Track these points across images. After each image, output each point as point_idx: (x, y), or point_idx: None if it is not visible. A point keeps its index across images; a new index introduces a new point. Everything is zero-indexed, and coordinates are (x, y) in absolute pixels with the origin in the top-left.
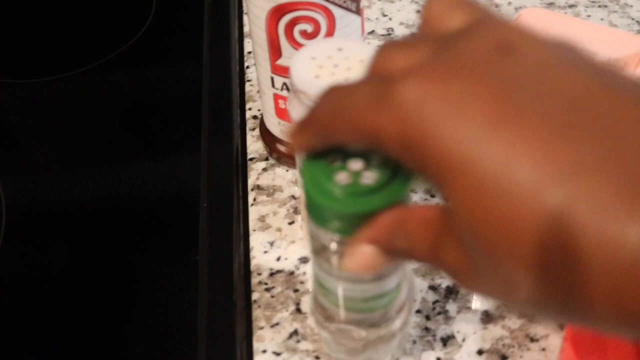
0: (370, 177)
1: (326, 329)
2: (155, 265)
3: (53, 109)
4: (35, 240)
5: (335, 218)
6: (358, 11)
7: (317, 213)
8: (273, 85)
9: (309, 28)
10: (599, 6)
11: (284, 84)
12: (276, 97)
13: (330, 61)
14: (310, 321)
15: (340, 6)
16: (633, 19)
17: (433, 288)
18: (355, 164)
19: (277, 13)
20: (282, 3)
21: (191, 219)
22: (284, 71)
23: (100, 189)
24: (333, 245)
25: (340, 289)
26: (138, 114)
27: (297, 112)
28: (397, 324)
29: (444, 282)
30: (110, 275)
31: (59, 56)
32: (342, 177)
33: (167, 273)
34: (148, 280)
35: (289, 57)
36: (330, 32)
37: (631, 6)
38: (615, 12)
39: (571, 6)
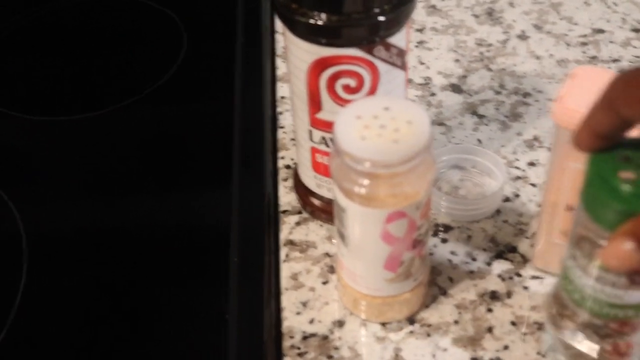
0: None
1: (557, 328)
2: (180, 320)
3: (82, 146)
4: (58, 271)
5: (615, 215)
6: (403, 66)
7: (595, 207)
8: (311, 139)
9: (352, 83)
10: None
11: (323, 137)
12: (313, 151)
13: (376, 121)
14: None
15: (386, 61)
16: None
17: None
18: None
19: (320, 66)
20: (326, 56)
21: (220, 273)
22: (323, 125)
23: (126, 224)
24: (603, 242)
25: (590, 289)
26: (166, 153)
27: (340, 172)
28: (635, 337)
29: (487, 354)
30: (137, 324)
31: (90, 94)
32: (628, 175)
33: (195, 329)
34: (176, 338)
35: (330, 111)
36: (374, 87)
37: None
38: None
39: (615, 61)
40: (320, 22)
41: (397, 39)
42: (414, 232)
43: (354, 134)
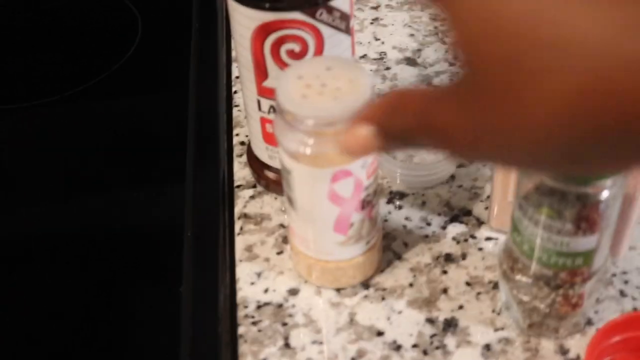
0: None
1: (510, 283)
2: (138, 296)
3: (34, 135)
4: (21, 270)
5: None
6: (348, 31)
7: None
8: (260, 109)
9: (296, 48)
10: None
11: (271, 106)
12: (263, 121)
13: (318, 80)
14: (301, 356)
15: (329, 25)
16: None
17: (430, 321)
18: None
19: (263, 32)
20: (268, 21)
21: (175, 249)
22: (271, 93)
23: (83, 218)
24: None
25: (538, 238)
26: (123, 140)
27: (283, 134)
28: (586, 288)
29: (442, 314)
30: (94, 305)
31: (41, 81)
32: None
33: (150, 305)
34: (131, 312)
35: (276, 78)
36: (318, 52)
37: None
38: None
39: None
40: None
41: (340, 2)
42: (361, 192)
43: (296, 93)
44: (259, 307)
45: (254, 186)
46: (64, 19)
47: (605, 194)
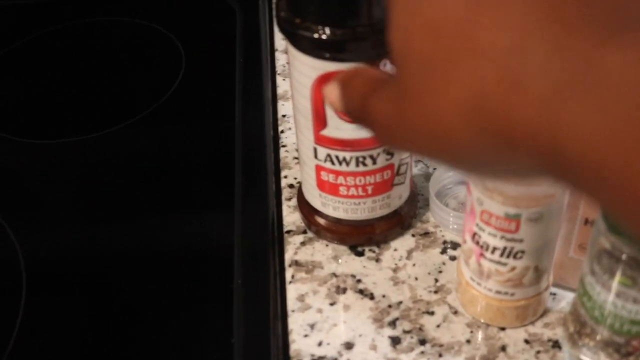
0: None
1: (576, 347)
2: (186, 345)
3: (80, 168)
4: (57, 297)
5: None
6: None
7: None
8: (316, 157)
9: None
10: None
11: (328, 155)
12: (318, 169)
13: None
14: None
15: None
16: None
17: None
18: None
19: (324, 82)
20: (331, 72)
21: (225, 297)
22: (328, 142)
23: (126, 247)
24: (624, 256)
25: (611, 305)
26: (167, 174)
27: None
28: None
29: None
30: (136, 348)
31: (89, 116)
32: None
33: (201, 355)
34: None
35: (335, 127)
36: None
37: None
38: None
39: None
40: (324, 37)
41: None
42: None
43: None
44: None
45: (304, 232)
46: (109, 55)
47: None
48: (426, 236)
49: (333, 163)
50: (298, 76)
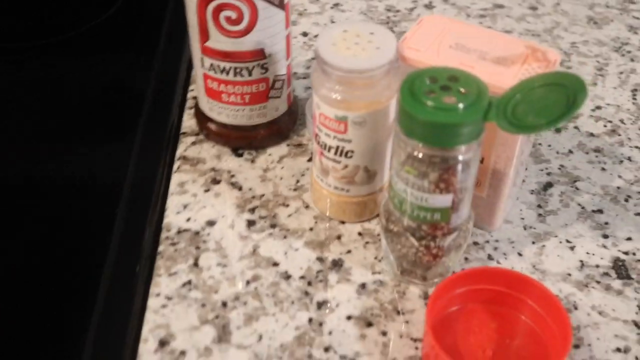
0: (452, 99)
1: (387, 232)
2: (78, 215)
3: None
4: None
5: (421, 126)
6: (282, 6)
7: (407, 122)
8: (202, 65)
9: (233, 15)
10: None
11: (211, 64)
12: (205, 77)
13: (356, 38)
14: (205, 274)
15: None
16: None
17: (320, 259)
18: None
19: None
20: None
21: (119, 181)
22: (211, 52)
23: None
24: (411, 154)
25: (406, 194)
26: (91, 93)
27: (319, 80)
28: (445, 242)
29: (331, 255)
30: (32, 230)
31: (23, 26)
32: (432, 93)
33: (89, 220)
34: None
35: (216, 40)
36: (252, 21)
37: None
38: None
39: (507, 32)
40: None
41: None
42: None
43: (335, 45)
44: (179, 232)
45: (197, 134)
46: None
47: (460, 158)
48: (299, 147)
49: (215, 72)
50: None
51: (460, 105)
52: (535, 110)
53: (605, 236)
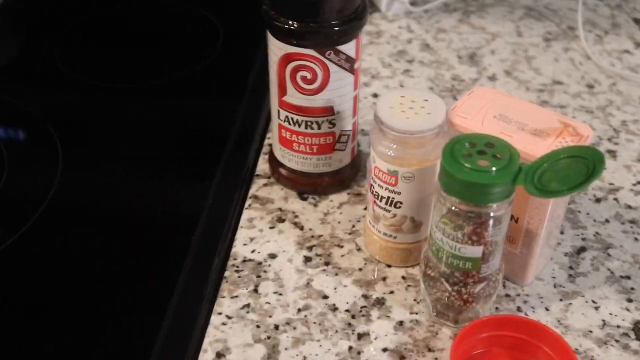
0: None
1: (425, 277)
2: (159, 241)
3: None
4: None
5: (459, 185)
6: (352, 70)
7: (446, 180)
8: (279, 117)
9: (308, 75)
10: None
11: (286, 116)
12: (280, 127)
13: (410, 103)
14: (262, 300)
15: (335, 64)
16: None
17: (365, 296)
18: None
19: (286, 60)
20: (290, 53)
21: (198, 213)
22: (287, 106)
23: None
24: (449, 208)
25: (440, 241)
26: (179, 133)
27: (376, 138)
28: (476, 289)
29: (375, 293)
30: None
31: (132, 71)
32: (469, 155)
33: (167, 245)
34: (148, 246)
35: (292, 95)
36: (324, 82)
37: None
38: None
39: (561, 107)
40: (287, 27)
41: (347, 48)
42: None
43: (392, 108)
44: (244, 261)
45: (269, 177)
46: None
47: (491, 214)
48: (358, 196)
49: (289, 124)
50: (271, 54)
51: (493, 169)
52: (559, 178)
53: (630, 300)
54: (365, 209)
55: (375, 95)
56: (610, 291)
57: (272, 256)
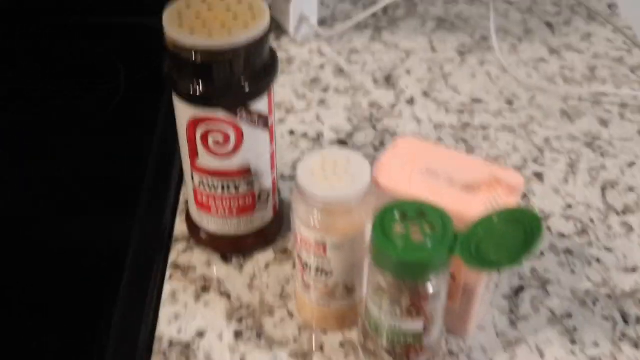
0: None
1: (365, 351)
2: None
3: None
4: None
5: (392, 262)
6: (266, 127)
7: (378, 256)
8: (193, 181)
9: (220, 139)
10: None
11: (201, 181)
12: (195, 191)
13: (331, 169)
14: None
15: (248, 123)
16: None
17: None
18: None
19: (194, 123)
20: (198, 116)
21: (113, 288)
22: (200, 170)
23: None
24: (384, 284)
25: (380, 318)
26: (89, 173)
27: (298, 205)
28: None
29: None
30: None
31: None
32: (401, 230)
33: (83, 326)
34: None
35: (205, 159)
36: (238, 144)
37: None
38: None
39: (483, 128)
40: (191, 90)
41: (259, 106)
42: None
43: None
44: (170, 345)
45: (188, 240)
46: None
47: (429, 288)
48: (284, 253)
49: (204, 187)
50: (178, 116)
51: (428, 243)
52: (496, 247)
53: (574, 342)
54: (294, 267)
55: (292, 133)
56: (554, 334)
57: (201, 334)
